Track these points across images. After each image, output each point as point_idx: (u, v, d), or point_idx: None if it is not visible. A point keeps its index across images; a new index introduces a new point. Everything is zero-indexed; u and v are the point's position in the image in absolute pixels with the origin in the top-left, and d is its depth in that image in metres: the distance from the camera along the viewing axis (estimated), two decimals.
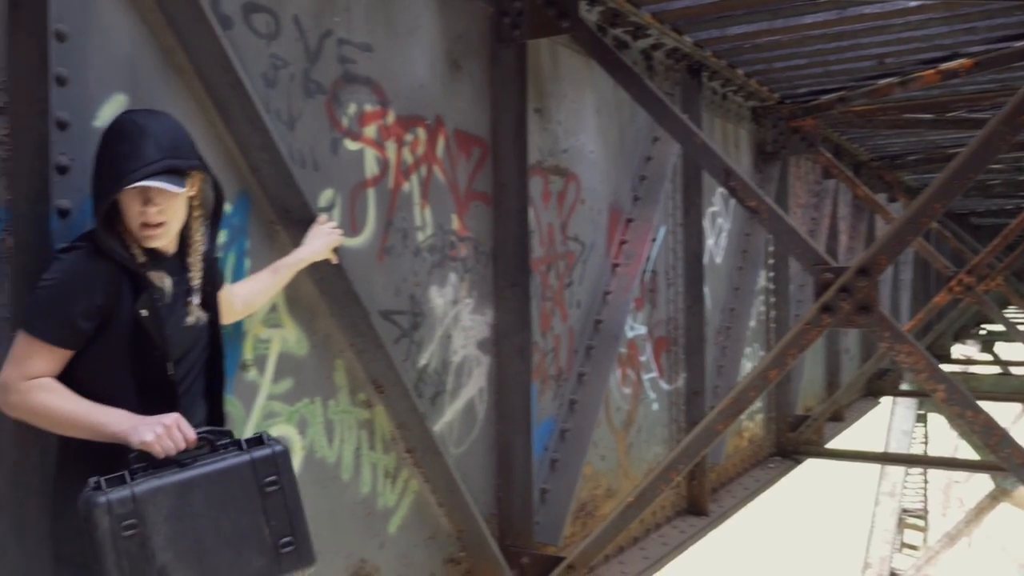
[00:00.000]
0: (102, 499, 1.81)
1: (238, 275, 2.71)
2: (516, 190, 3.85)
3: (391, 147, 3.33)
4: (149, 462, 1.90)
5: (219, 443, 2.01)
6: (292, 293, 2.90)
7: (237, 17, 2.70)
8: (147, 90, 2.44)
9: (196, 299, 2.20)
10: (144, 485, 1.86)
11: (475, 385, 3.82)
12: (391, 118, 3.34)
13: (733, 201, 6.56)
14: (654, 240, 5.17)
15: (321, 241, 2.77)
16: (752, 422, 7.01)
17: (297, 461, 2.93)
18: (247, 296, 2.58)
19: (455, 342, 3.69)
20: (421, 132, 3.50)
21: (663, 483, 3.54)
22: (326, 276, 2.92)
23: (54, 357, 1.96)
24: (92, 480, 1.84)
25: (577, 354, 4.58)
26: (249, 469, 1.97)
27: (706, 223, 5.87)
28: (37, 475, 2.13)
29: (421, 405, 3.27)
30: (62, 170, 2.15)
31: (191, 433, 1.96)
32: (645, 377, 5.30)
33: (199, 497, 1.90)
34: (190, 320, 2.17)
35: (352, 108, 3.14)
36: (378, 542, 3.29)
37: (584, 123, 4.61)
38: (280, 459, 2.01)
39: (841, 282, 3.18)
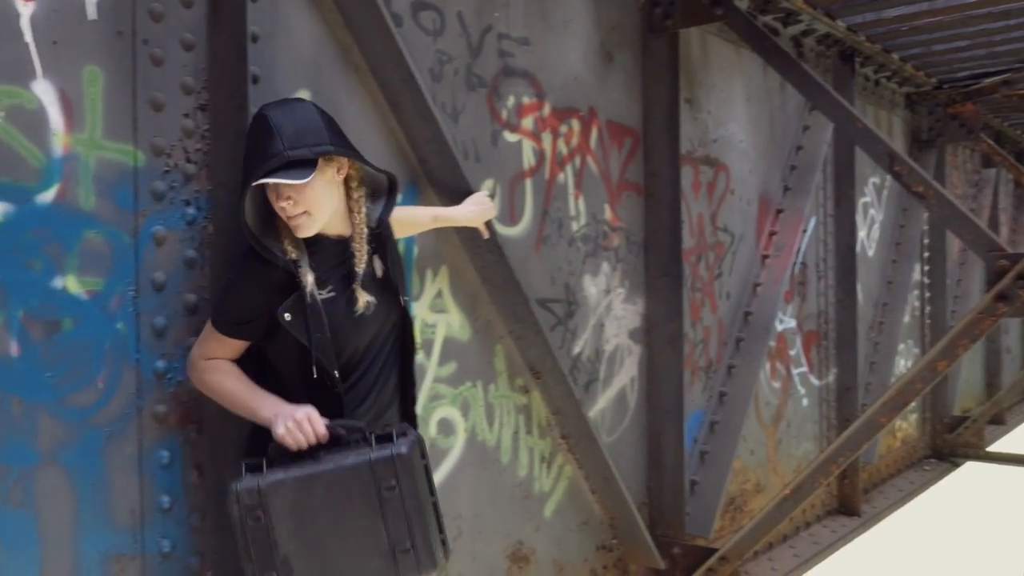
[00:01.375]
0: (233, 487, 1.91)
1: (407, 266, 2.83)
2: (668, 180, 3.84)
3: (547, 138, 3.40)
4: (287, 451, 1.96)
5: (350, 438, 1.99)
6: (456, 280, 3.01)
7: (406, 15, 2.82)
8: (327, 87, 2.58)
9: (362, 287, 2.15)
10: (270, 477, 1.91)
11: (627, 374, 3.84)
12: (547, 110, 3.40)
13: (886, 192, 6.33)
14: (804, 231, 5.04)
15: (477, 208, 2.81)
16: (906, 422, 6.73)
17: (459, 442, 3.03)
18: (404, 222, 2.60)
19: (607, 331, 3.72)
20: (575, 123, 3.55)
21: (821, 476, 3.47)
22: (488, 263, 3.01)
23: (226, 345, 2.10)
24: (240, 463, 1.96)
25: (726, 346, 4.53)
26: (367, 470, 1.94)
27: (858, 214, 5.68)
28: (231, 444, 2.29)
29: (577, 392, 3.32)
30: None
31: (320, 428, 1.97)
32: (795, 372, 5.18)
33: (319, 493, 1.92)
34: (359, 308, 2.12)
35: (511, 100, 3.23)
36: (534, 525, 3.36)
37: (734, 112, 4.55)
38: (400, 462, 1.94)
39: (1019, 269, 3.03)
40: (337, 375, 2.08)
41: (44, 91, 1.99)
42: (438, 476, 2.94)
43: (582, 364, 3.58)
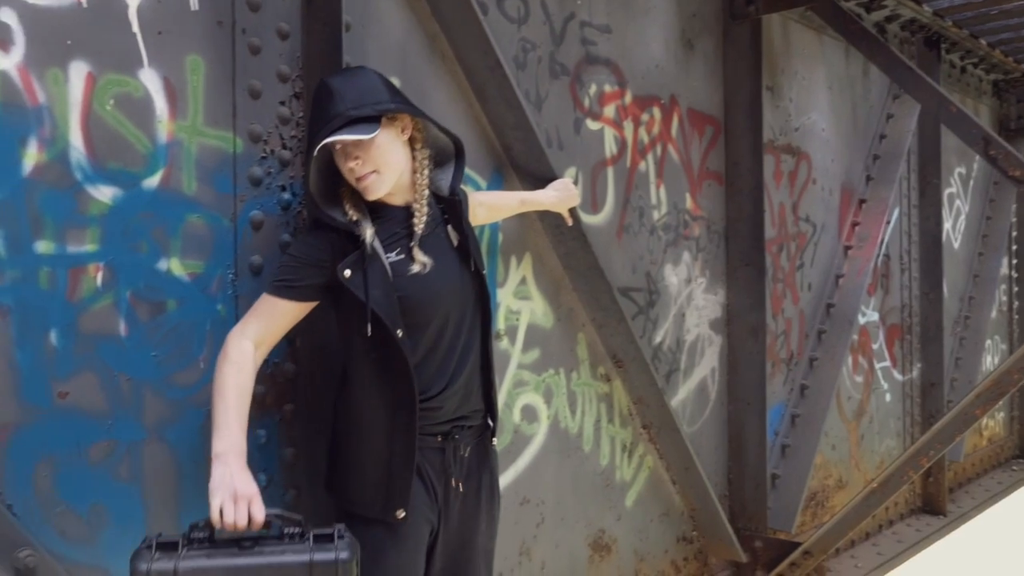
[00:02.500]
0: (143, 568, 1.66)
1: (492, 253, 2.85)
2: (750, 168, 3.79)
3: (628, 127, 3.38)
4: (211, 531, 1.77)
5: (287, 531, 1.80)
6: (539, 267, 3.02)
7: (491, 3, 2.84)
8: (415, 75, 2.61)
9: (452, 239, 2.15)
10: (190, 563, 1.69)
11: (707, 365, 3.81)
12: (628, 98, 3.39)
13: (972, 183, 6.15)
14: (888, 222, 4.92)
15: (561, 194, 2.81)
16: (992, 420, 6.52)
17: (543, 429, 3.04)
18: (493, 206, 2.62)
19: (688, 321, 3.69)
20: (656, 111, 3.53)
21: (911, 469, 3.38)
22: (571, 251, 3.01)
23: (270, 310, 2.01)
24: (145, 539, 1.74)
25: (808, 338, 4.45)
26: (304, 572, 1.73)
27: (943, 205, 5.52)
28: (325, 424, 2.33)
29: (659, 381, 3.30)
30: None
31: (259, 515, 1.79)
32: (877, 366, 5.06)
33: None
34: (414, 268, 2.06)
35: (593, 88, 3.22)
36: (616, 514, 3.35)
37: (815, 100, 4.47)
38: (342, 569, 1.75)
39: None
40: (401, 334, 2.00)
41: (150, 79, 2.06)
42: (522, 462, 2.96)
43: (663, 354, 3.56)
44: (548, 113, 3.03)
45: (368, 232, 2.03)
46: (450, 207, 2.20)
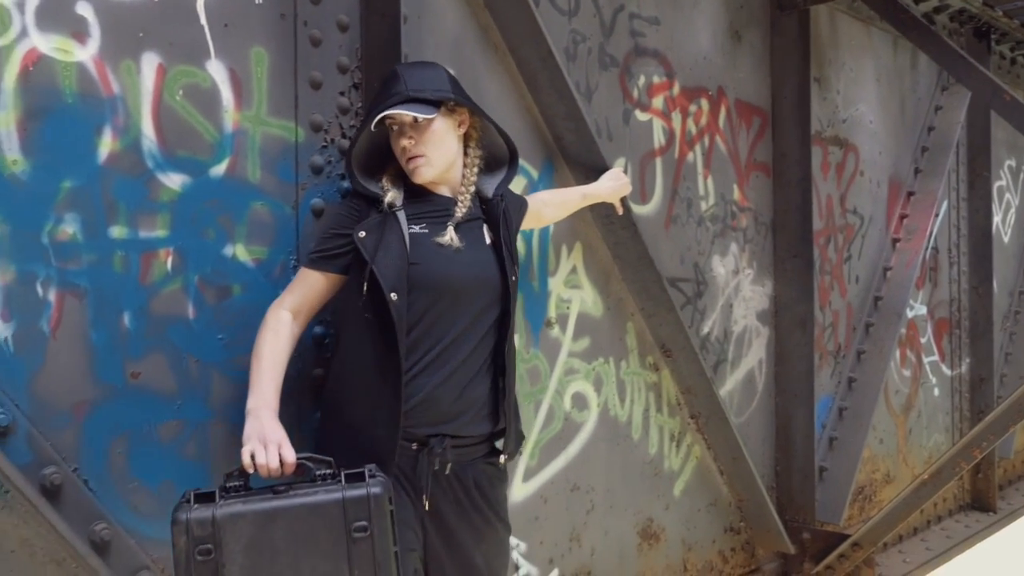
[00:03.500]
0: (182, 517, 1.69)
1: (543, 240, 2.89)
2: (798, 160, 3.79)
3: (676, 118, 3.40)
4: (246, 479, 1.81)
5: (318, 472, 1.83)
6: (589, 256, 3.05)
7: None
8: (469, 66, 2.66)
9: (486, 238, 2.14)
10: (227, 509, 1.72)
11: (755, 356, 3.81)
12: (676, 89, 3.41)
13: (1022, 176, 6.05)
14: (937, 215, 4.87)
15: (615, 184, 2.84)
16: None
17: (592, 417, 3.07)
18: (560, 204, 2.65)
19: (736, 312, 3.70)
20: (704, 103, 3.54)
21: (963, 461, 3.36)
22: (621, 240, 3.03)
23: (305, 281, 2.06)
24: (184, 493, 1.77)
25: (855, 331, 4.43)
26: (338, 509, 1.76)
27: (993, 198, 5.44)
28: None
29: (708, 371, 3.31)
30: None
31: (290, 456, 1.83)
32: (925, 360, 5.01)
33: (281, 531, 1.73)
34: (443, 239, 2.06)
35: (642, 80, 3.24)
36: (664, 503, 3.37)
37: (863, 92, 4.44)
38: (374, 502, 1.77)
39: None
40: (395, 298, 1.96)
41: (216, 70, 2.12)
42: (573, 448, 2.99)
43: (711, 344, 3.57)
44: (598, 104, 3.06)
45: (394, 197, 2.06)
46: (490, 210, 2.19)
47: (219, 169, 2.13)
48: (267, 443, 1.84)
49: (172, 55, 2.04)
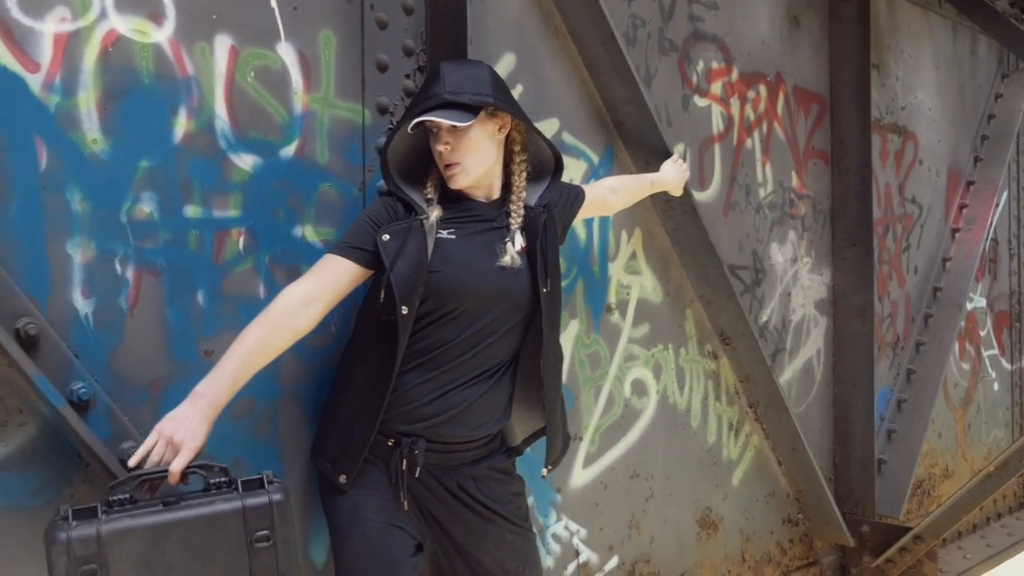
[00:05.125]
0: (62, 536, 1.55)
1: (604, 226, 2.88)
2: (858, 147, 3.73)
3: (735, 104, 3.37)
4: (131, 494, 1.67)
5: (212, 481, 1.72)
6: (648, 242, 3.03)
7: None
8: (530, 50, 2.65)
9: (516, 243, 2.05)
10: (113, 524, 1.58)
11: (813, 346, 3.76)
12: (735, 75, 3.37)
13: None
14: (997, 205, 4.77)
15: (677, 174, 2.82)
16: None
17: (652, 404, 3.05)
18: (629, 190, 2.62)
19: (794, 300, 3.65)
20: (762, 89, 3.50)
21: None
22: (680, 227, 3.01)
23: (328, 267, 1.96)
24: (61, 509, 1.62)
25: (914, 322, 4.35)
26: (238, 519, 1.65)
27: None
28: None
29: (768, 359, 3.27)
30: None
31: (175, 464, 1.67)
32: (985, 354, 4.91)
33: (175, 546, 1.61)
34: (505, 261, 2.01)
35: (700, 65, 3.22)
36: (722, 492, 3.34)
37: (922, 79, 4.36)
38: (277, 510, 1.68)
39: None
40: (405, 311, 1.90)
41: (286, 53, 2.14)
42: (632, 435, 2.98)
43: (769, 333, 3.53)
44: (657, 89, 3.04)
45: (434, 214, 1.99)
46: (530, 219, 2.09)
47: (288, 150, 2.15)
48: (170, 439, 1.70)
49: (244, 37, 2.06)
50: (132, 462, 1.70)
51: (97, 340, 1.87)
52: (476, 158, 2.01)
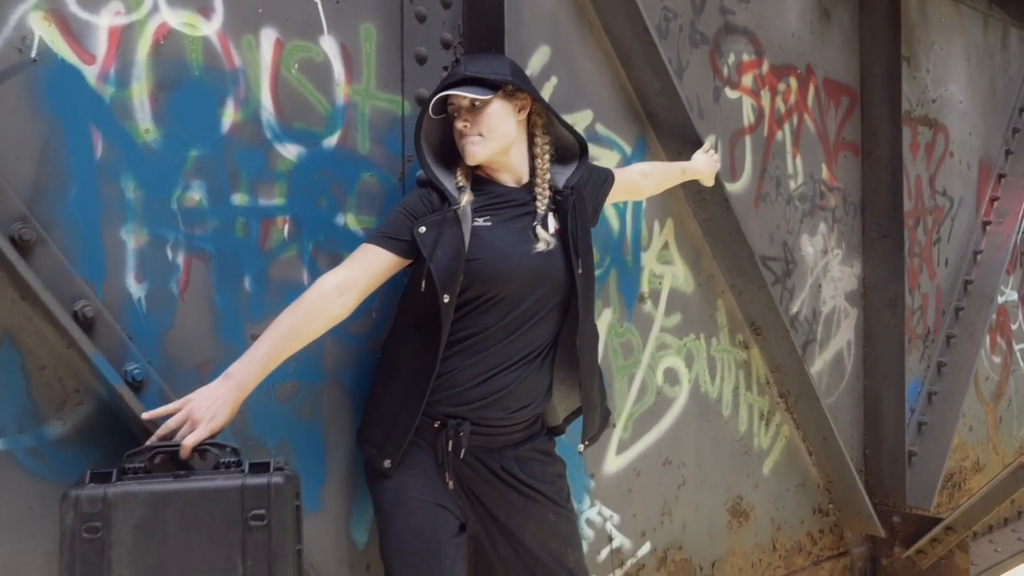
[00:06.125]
0: (72, 494, 1.65)
1: (636, 215, 2.91)
2: (888, 139, 3.74)
3: (765, 96, 3.39)
4: (149, 462, 1.75)
5: (222, 460, 1.78)
6: (680, 232, 3.06)
7: None
8: (564, 42, 2.70)
9: (550, 226, 2.10)
10: (119, 488, 1.67)
11: (843, 337, 3.77)
12: (765, 67, 3.39)
13: None
14: None
15: (708, 164, 2.84)
16: None
17: (684, 392, 3.08)
18: (660, 176, 2.65)
19: (824, 292, 3.67)
20: (793, 81, 3.52)
21: None
22: (712, 217, 3.04)
23: (364, 256, 2.00)
24: (84, 472, 1.73)
25: (945, 315, 4.34)
26: (236, 496, 1.71)
27: None
28: None
29: (799, 349, 3.29)
30: None
31: (189, 439, 1.75)
32: (1016, 347, 4.89)
33: (174, 514, 1.68)
34: (540, 247, 2.06)
35: (731, 58, 3.24)
36: (753, 482, 3.36)
37: (953, 72, 4.36)
38: (275, 492, 1.72)
39: None
40: (447, 299, 1.95)
41: (329, 45, 2.20)
42: (665, 423, 3.01)
43: (799, 324, 3.54)
44: (688, 81, 3.07)
45: (464, 199, 2.03)
46: (561, 201, 2.13)
47: (331, 141, 2.20)
48: (190, 413, 1.78)
49: (288, 30, 2.12)
50: (146, 416, 1.79)
51: (149, 323, 1.93)
52: (494, 132, 2.05)
